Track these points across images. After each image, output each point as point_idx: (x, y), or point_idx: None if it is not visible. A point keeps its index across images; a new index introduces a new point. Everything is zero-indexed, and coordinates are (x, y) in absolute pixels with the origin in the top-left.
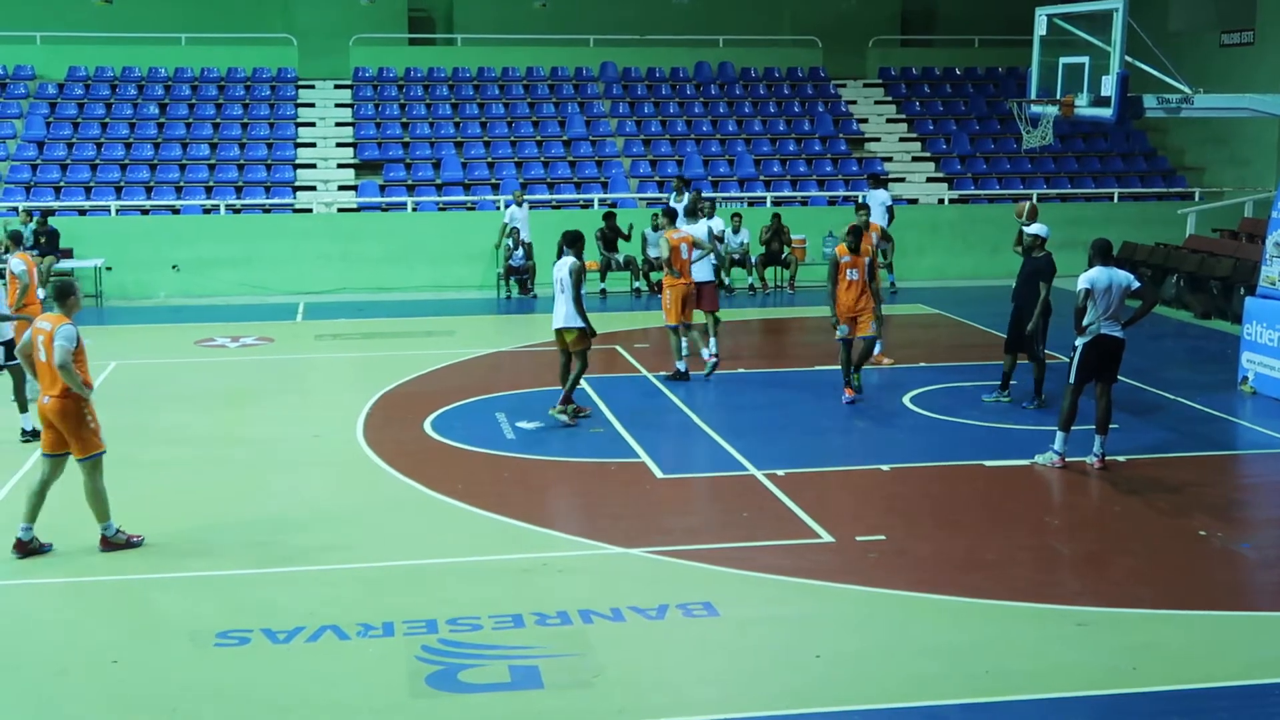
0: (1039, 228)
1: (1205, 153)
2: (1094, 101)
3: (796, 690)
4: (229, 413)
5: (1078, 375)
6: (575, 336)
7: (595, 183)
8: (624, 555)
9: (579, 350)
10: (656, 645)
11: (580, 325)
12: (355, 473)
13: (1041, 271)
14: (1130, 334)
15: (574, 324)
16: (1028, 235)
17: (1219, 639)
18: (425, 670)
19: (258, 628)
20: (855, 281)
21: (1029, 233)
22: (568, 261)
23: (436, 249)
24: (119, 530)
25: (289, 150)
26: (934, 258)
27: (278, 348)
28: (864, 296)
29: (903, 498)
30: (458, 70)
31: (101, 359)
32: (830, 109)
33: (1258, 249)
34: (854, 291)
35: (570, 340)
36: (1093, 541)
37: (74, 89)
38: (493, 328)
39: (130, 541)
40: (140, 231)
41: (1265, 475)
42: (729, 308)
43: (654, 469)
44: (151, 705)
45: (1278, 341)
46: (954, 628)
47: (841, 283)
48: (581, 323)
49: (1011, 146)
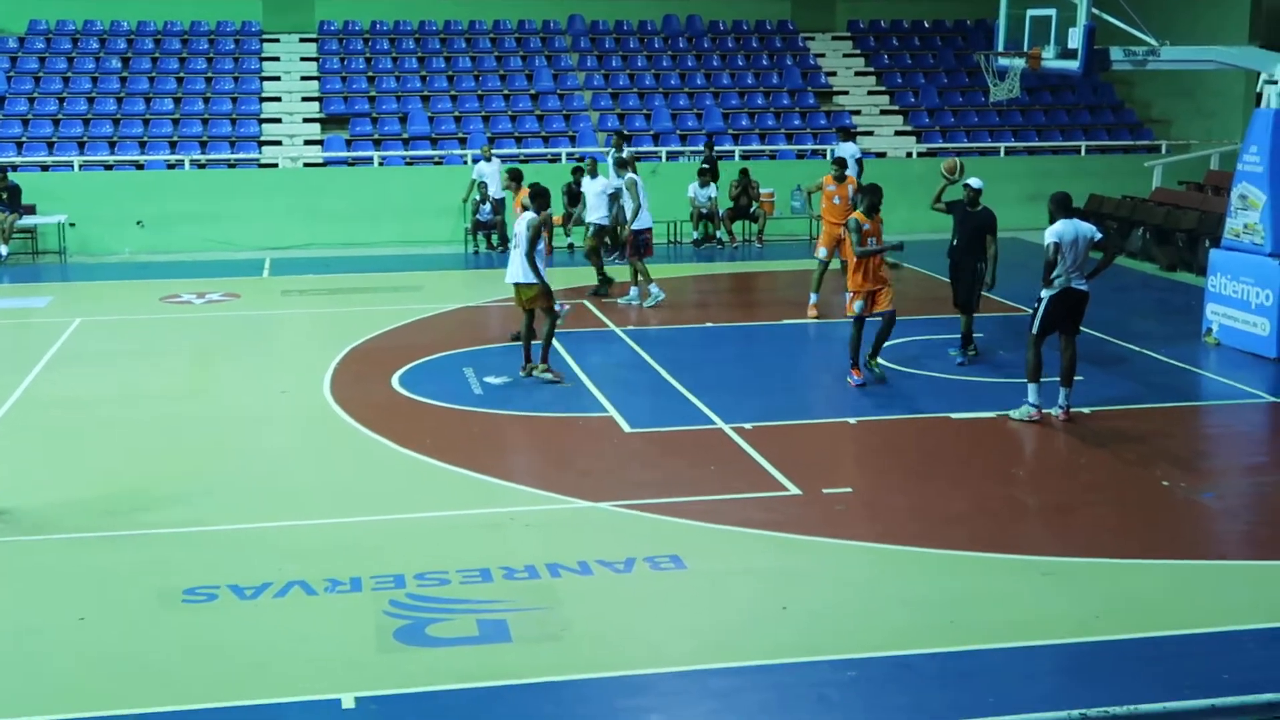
0: (976, 180)
1: (1172, 105)
2: (1061, 54)
3: (764, 642)
4: (195, 369)
5: (1040, 326)
6: (534, 294)
7: (563, 136)
8: (591, 509)
9: (543, 308)
10: (624, 599)
11: (533, 281)
12: (323, 429)
13: (988, 225)
14: (1096, 286)
15: (525, 279)
16: (971, 189)
17: (1183, 587)
18: (393, 625)
19: (225, 584)
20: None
21: (974, 186)
22: (526, 215)
23: (403, 204)
24: None
25: (254, 105)
26: (902, 211)
27: (244, 304)
28: (883, 267)
29: (869, 450)
30: (424, 24)
31: (66, 316)
32: (798, 62)
33: (1223, 201)
34: (874, 261)
35: (528, 298)
36: (1058, 492)
37: (35, 43)
38: (460, 283)
39: None
40: (104, 187)
41: (1228, 426)
42: (698, 261)
43: (621, 423)
44: (122, 661)
45: (1241, 293)
46: (921, 579)
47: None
48: (533, 278)
49: (979, 99)
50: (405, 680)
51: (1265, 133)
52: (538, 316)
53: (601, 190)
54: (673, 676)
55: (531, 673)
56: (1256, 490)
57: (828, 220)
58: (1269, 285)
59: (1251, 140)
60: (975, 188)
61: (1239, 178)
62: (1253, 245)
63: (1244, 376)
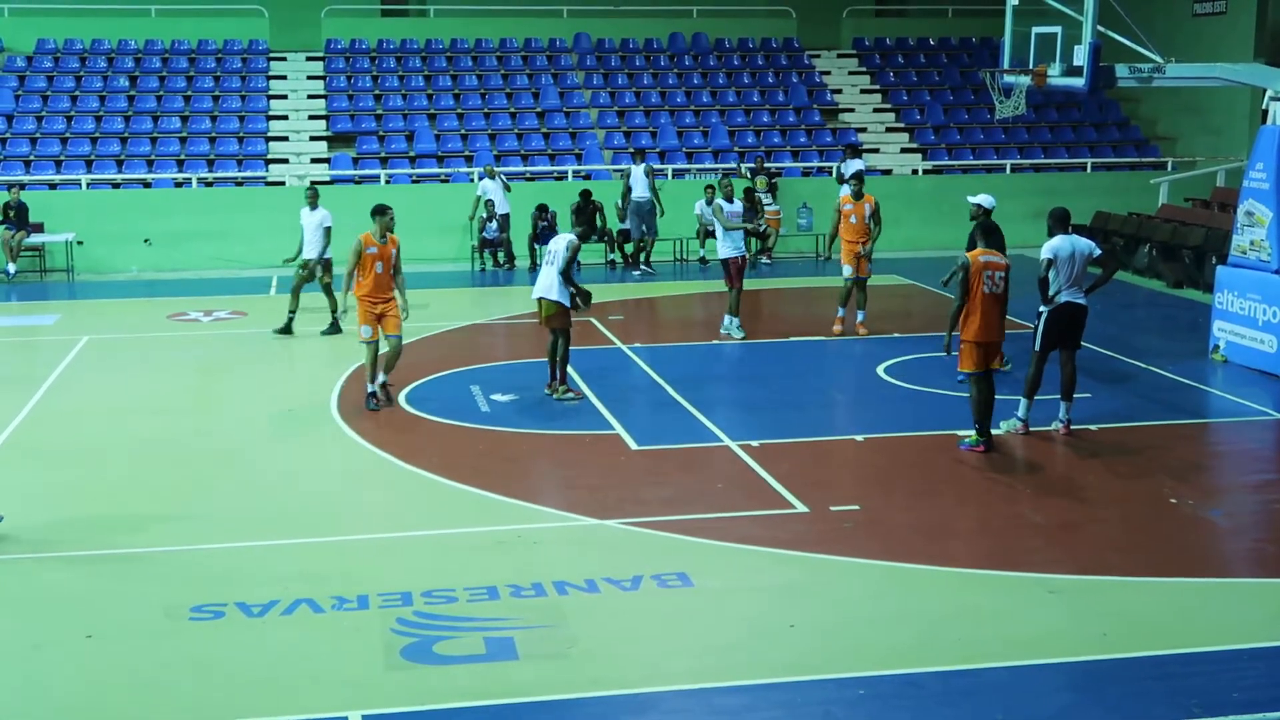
0: (985, 198)
1: (1178, 122)
2: (1066, 71)
3: (771, 660)
4: (202, 387)
5: (1043, 342)
6: (553, 312)
7: (569, 154)
8: (598, 526)
9: (557, 328)
10: (631, 616)
11: (557, 299)
12: (330, 446)
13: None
14: (1103, 303)
15: (551, 296)
16: (972, 204)
17: (1191, 605)
18: (400, 643)
19: (232, 602)
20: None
21: (973, 202)
22: (566, 236)
23: (410, 222)
24: None
25: (261, 123)
26: (908, 229)
27: (251, 321)
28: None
29: (877, 468)
30: (431, 42)
31: (73, 334)
32: (804, 80)
33: (1229, 218)
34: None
35: (548, 314)
36: (1064, 509)
37: (43, 62)
38: (467, 300)
39: None
40: (112, 205)
41: (1235, 443)
42: (705, 279)
43: (628, 441)
44: (129, 679)
45: (1248, 310)
46: (928, 596)
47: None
48: (557, 296)
49: (985, 117)
50: (412, 698)
51: (1271, 149)
52: (558, 334)
53: (319, 224)
54: (679, 694)
55: (538, 691)
56: (1264, 507)
57: (845, 239)
58: (1276, 302)
59: (1257, 157)
60: (985, 206)
61: (1245, 194)
62: (1259, 262)
63: (1251, 393)
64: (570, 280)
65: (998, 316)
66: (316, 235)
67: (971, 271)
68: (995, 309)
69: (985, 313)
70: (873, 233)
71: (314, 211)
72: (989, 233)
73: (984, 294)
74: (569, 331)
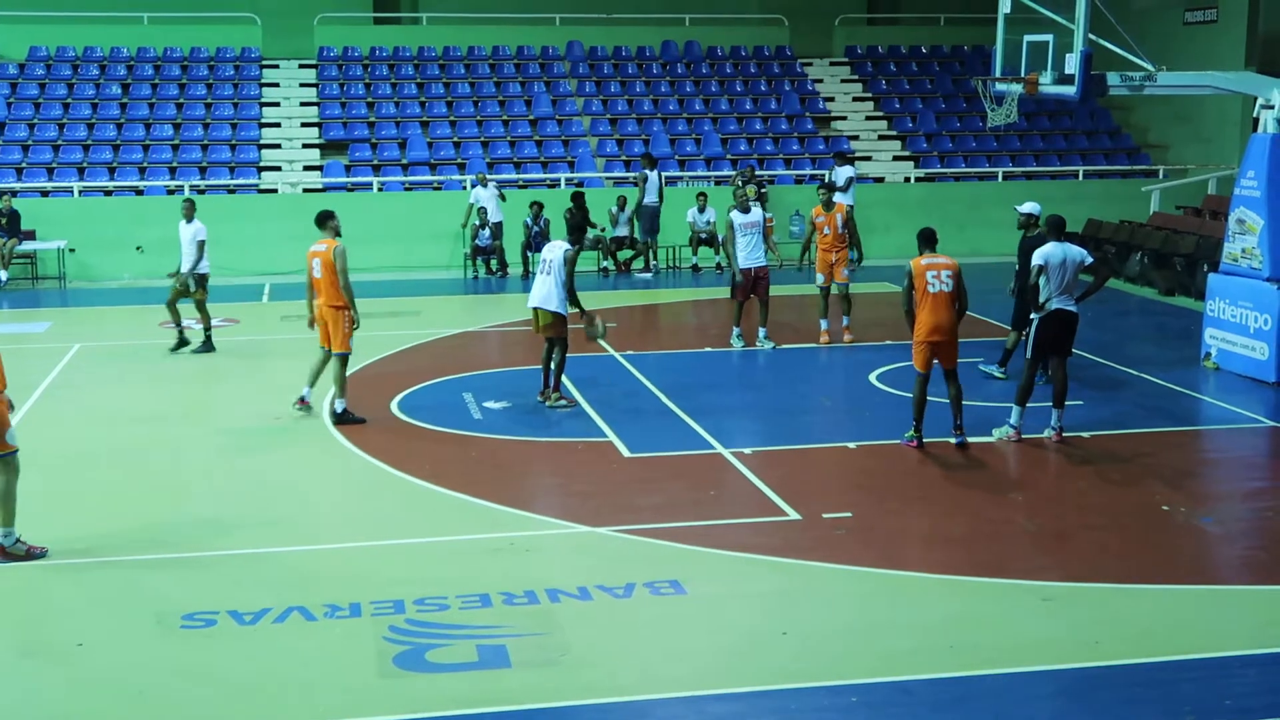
0: (1031, 205)
1: (1169, 130)
2: (1058, 79)
3: (764, 667)
4: (194, 395)
5: (1034, 350)
6: (549, 322)
7: (562, 162)
8: (591, 534)
9: (555, 338)
10: (624, 624)
11: (554, 309)
12: (322, 454)
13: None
14: (1095, 310)
15: (549, 306)
16: (1021, 214)
17: (1182, 612)
18: (393, 650)
19: (224, 609)
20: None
21: (1021, 212)
22: (562, 245)
23: (402, 229)
24: (18, 540)
25: (253, 130)
26: (900, 236)
27: (243, 329)
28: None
29: (869, 475)
30: (423, 49)
31: (65, 341)
32: (796, 87)
33: (1221, 226)
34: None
35: (545, 324)
36: (1057, 516)
37: (35, 69)
38: (459, 308)
39: (31, 553)
40: (104, 213)
41: (1227, 450)
42: (697, 286)
43: (621, 448)
44: (120, 686)
45: (1240, 318)
46: (921, 603)
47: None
48: (555, 306)
49: (977, 124)
50: (405, 706)
51: (1262, 157)
52: (554, 343)
53: (192, 237)
54: (672, 702)
55: (531, 698)
56: (1256, 515)
57: (819, 249)
58: (1267, 309)
59: (1249, 165)
60: (1025, 212)
61: (1236, 202)
62: (1251, 270)
63: (1243, 401)
64: (575, 299)
65: (947, 317)
66: (190, 249)
67: (914, 275)
68: (944, 308)
69: (933, 312)
70: (847, 242)
71: (189, 224)
72: (927, 240)
73: (930, 295)
74: (566, 340)
